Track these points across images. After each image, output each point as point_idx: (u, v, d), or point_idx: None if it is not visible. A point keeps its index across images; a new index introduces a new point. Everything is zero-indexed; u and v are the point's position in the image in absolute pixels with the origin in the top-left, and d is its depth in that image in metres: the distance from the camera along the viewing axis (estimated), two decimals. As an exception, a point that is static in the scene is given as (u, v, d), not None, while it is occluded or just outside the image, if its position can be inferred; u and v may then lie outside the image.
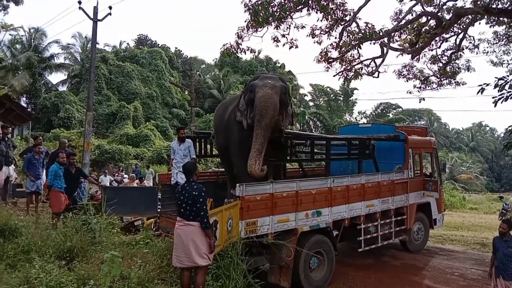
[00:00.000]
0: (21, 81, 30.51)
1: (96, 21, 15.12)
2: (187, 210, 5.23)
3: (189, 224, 5.19)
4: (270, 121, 6.49)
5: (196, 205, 5.15)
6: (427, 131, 11.54)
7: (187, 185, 5.36)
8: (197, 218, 5.16)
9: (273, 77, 7.11)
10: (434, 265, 9.04)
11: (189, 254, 5.12)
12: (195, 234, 5.16)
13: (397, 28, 10.85)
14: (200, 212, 5.13)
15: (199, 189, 5.25)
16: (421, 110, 57.87)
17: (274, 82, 6.80)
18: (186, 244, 5.14)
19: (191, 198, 5.18)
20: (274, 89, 6.65)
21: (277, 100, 6.59)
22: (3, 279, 4.49)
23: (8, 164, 10.15)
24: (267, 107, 6.47)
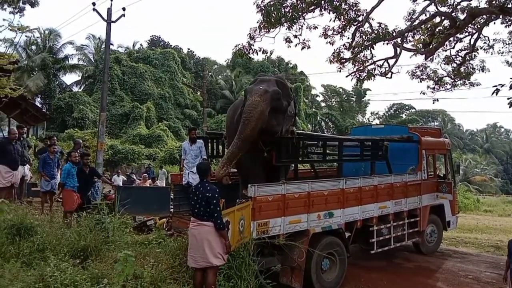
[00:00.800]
0: (36, 82, 30.98)
1: (110, 22, 15.27)
2: (200, 210, 5.24)
3: (203, 224, 5.21)
4: (252, 132, 6.28)
5: (209, 206, 5.16)
6: (441, 132, 11.42)
7: (201, 186, 5.37)
8: (210, 218, 5.17)
9: (269, 80, 6.91)
10: (447, 268, 8.94)
11: (204, 254, 5.14)
12: (209, 234, 5.18)
13: (411, 28, 10.76)
14: (214, 213, 5.15)
15: (212, 190, 5.26)
16: (435, 111, 57.33)
17: (266, 88, 6.56)
18: (201, 245, 5.16)
19: (204, 198, 5.19)
20: (264, 96, 6.41)
21: (265, 108, 6.36)
22: (19, 276, 4.55)
23: (24, 163, 10.30)
24: (250, 118, 6.27)
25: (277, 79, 6.94)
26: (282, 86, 6.90)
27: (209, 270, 5.21)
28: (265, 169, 7.17)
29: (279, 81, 6.92)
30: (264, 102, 6.37)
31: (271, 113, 6.52)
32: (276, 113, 6.64)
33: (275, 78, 7.05)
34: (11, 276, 4.48)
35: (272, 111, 6.52)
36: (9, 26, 9.98)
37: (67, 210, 8.69)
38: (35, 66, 32.48)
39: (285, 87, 6.97)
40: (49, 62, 32.71)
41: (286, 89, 6.96)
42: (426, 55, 11.42)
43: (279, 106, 6.62)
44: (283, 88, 6.87)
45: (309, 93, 50.11)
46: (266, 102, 6.39)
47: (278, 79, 6.99)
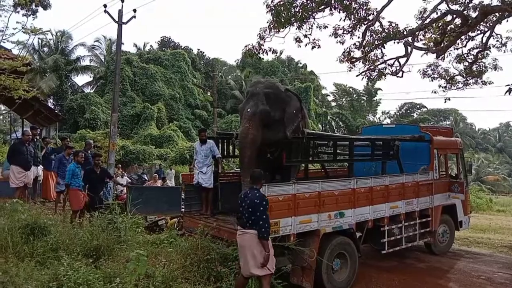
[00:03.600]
0: (48, 84, 31.32)
1: (121, 24, 15.39)
2: (245, 217, 5.20)
3: (245, 232, 5.17)
4: (249, 159, 6.70)
5: (255, 213, 5.09)
6: (452, 131, 11.33)
7: (250, 193, 5.30)
8: (254, 226, 5.11)
9: (258, 94, 6.95)
10: (459, 268, 8.86)
11: (247, 264, 5.12)
12: (252, 243, 5.13)
13: (422, 27, 10.70)
14: (259, 221, 5.08)
15: (261, 197, 5.21)
16: (447, 110, 56.72)
17: (253, 109, 6.77)
18: (245, 253, 5.15)
19: (251, 205, 5.13)
20: (252, 121, 6.70)
21: (255, 133, 6.67)
22: (33, 275, 4.61)
23: (37, 164, 10.45)
24: (243, 148, 6.75)
25: (266, 91, 6.91)
26: (273, 95, 6.93)
27: (262, 279, 5.18)
28: (268, 170, 7.21)
29: (267, 92, 6.91)
30: (253, 128, 6.68)
31: (265, 129, 6.77)
32: (271, 127, 6.82)
33: (264, 89, 6.98)
34: (25, 275, 4.55)
35: (266, 127, 6.76)
36: (22, 28, 10.13)
37: (75, 209, 8.80)
38: (48, 67, 32.83)
39: (276, 95, 6.97)
40: (61, 63, 33.04)
41: (277, 96, 6.96)
42: (437, 54, 11.33)
43: (272, 121, 6.80)
44: (274, 97, 6.91)
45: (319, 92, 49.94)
46: (255, 127, 6.69)
47: (267, 90, 6.95)
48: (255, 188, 5.36)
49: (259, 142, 6.78)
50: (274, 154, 7.09)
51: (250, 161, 6.68)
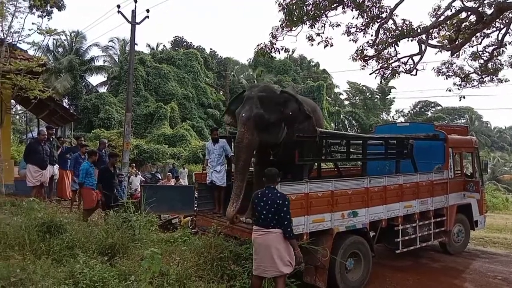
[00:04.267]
0: (63, 84, 31.73)
1: (134, 24, 15.52)
2: (267, 217, 5.13)
3: (269, 232, 5.12)
4: (244, 163, 6.72)
5: (280, 214, 5.07)
6: (467, 129, 11.19)
7: (269, 192, 5.25)
8: (278, 226, 5.09)
9: (252, 98, 6.91)
10: (475, 268, 8.76)
11: (273, 263, 5.07)
12: (278, 241, 5.10)
13: (436, 24, 10.57)
14: (285, 221, 5.07)
15: (283, 197, 5.19)
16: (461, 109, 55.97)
17: (248, 114, 6.74)
18: (269, 253, 5.08)
19: (274, 205, 5.10)
20: (247, 125, 6.69)
21: (250, 137, 6.67)
22: (50, 273, 4.68)
23: (53, 163, 10.62)
24: (239, 152, 6.74)
25: (259, 95, 6.88)
26: (267, 98, 6.89)
27: (278, 278, 5.16)
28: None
29: (261, 95, 6.88)
30: (248, 132, 6.67)
31: (262, 133, 6.76)
32: (267, 130, 6.81)
33: (258, 93, 6.95)
34: (42, 272, 4.62)
35: (262, 131, 6.75)
36: (38, 29, 10.29)
37: (87, 208, 8.92)
38: (62, 68, 33.26)
39: (270, 98, 6.93)
40: (75, 64, 33.45)
41: (272, 99, 6.93)
42: (452, 52, 11.17)
43: (267, 124, 6.78)
44: (268, 101, 6.88)
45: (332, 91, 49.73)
46: (250, 131, 6.68)
47: (261, 93, 6.92)
48: (273, 187, 5.35)
49: (255, 146, 6.82)
50: (277, 156, 7.09)
51: (245, 165, 6.73)
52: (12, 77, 9.58)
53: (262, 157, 7.48)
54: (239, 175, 6.68)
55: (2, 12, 9.96)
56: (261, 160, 7.50)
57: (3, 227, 6.10)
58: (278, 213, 5.09)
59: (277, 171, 5.56)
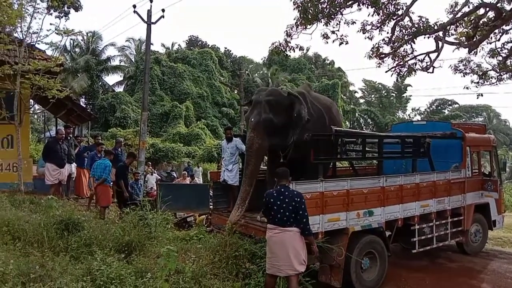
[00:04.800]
0: (80, 83, 32.18)
1: (150, 24, 15.64)
2: (284, 216, 5.13)
3: (286, 231, 5.13)
4: (254, 167, 6.74)
5: (298, 212, 5.10)
6: (485, 128, 11.00)
7: (285, 191, 5.25)
8: (295, 224, 5.11)
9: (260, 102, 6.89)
10: (493, 269, 8.62)
11: (289, 261, 5.08)
12: (295, 240, 5.13)
13: (453, 21, 10.41)
14: (303, 219, 5.11)
15: (300, 195, 5.22)
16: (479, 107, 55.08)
17: (257, 119, 6.74)
18: (286, 252, 5.09)
19: (292, 203, 5.11)
20: (256, 130, 6.69)
21: (260, 142, 6.68)
22: (68, 270, 4.76)
23: (71, 162, 10.78)
24: (249, 157, 6.75)
25: (267, 99, 6.86)
26: (275, 102, 6.87)
27: (292, 277, 5.16)
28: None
29: (269, 99, 6.86)
30: (258, 137, 6.69)
31: (272, 137, 6.77)
32: (276, 134, 6.82)
33: (265, 97, 6.93)
34: (61, 269, 4.70)
35: (271, 135, 6.76)
36: (55, 30, 10.45)
37: (105, 205, 9.06)
38: (79, 68, 33.72)
39: (278, 101, 6.91)
40: (92, 63, 33.88)
41: (280, 103, 6.89)
42: (469, 49, 10.99)
43: (276, 128, 6.78)
44: (276, 104, 6.86)
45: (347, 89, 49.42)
46: (260, 135, 6.69)
47: (268, 98, 6.90)
48: (287, 185, 5.36)
49: (265, 150, 6.87)
50: (287, 157, 7.08)
51: (254, 169, 6.76)
52: (31, 77, 9.75)
53: (273, 161, 7.49)
54: (248, 179, 6.70)
55: (21, 13, 10.13)
56: (273, 160, 7.52)
57: (22, 225, 6.22)
58: (296, 211, 5.10)
59: (287, 169, 5.59)
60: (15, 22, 9.90)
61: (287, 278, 5.23)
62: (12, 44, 9.87)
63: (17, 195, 9.08)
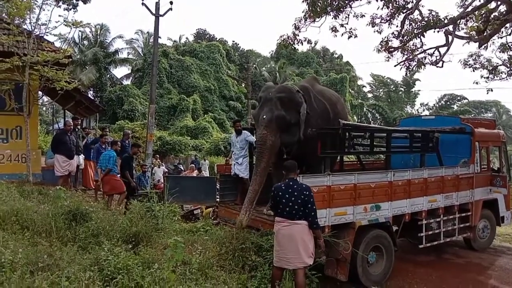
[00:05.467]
0: (88, 76, 32.34)
1: (158, 16, 15.64)
2: (293, 209, 5.13)
3: (295, 224, 5.13)
4: (266, 165, 6.64)
5: (307, 205, 5.10)
6: (495, 123, 10.89)
7: (294, 184, 5.25)
8: (304, 217, 5.12)
9: (271, 99, 6.80)
10: (501, 265, 8.57)
11: (298, 254, 5.10)
12: (304, 233, 5.14)
13: (463, 15, 10.29)
14: (312, 212, 5.11)
15: (308, 188, 5.23)
16: (488, 102, 54.60)
17: (269, 116, 6.64)
18: (295, 245, 5.10)
19: (301, 197, 5.12)
20: (269, 128, 6.61)
21: (273, 139, 6.59)
22: (76, 259, 4.79)
23: (79, 153, 10.85)
24: (261, 154, 6.62)
25: (279, 95, 6.78)
26: (287, 99, 6.79)
27: (300, 270, 5.17)
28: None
29: (281, 96, 6.78)
30: (271, 134, 6.60)
31: (283, 134, 6.72)
32: (288, 131, 6.77)
33: (276, 94, 6.85)
34: (68, 258, 4.73)
35: (283, 132, 6.71)
36: (64, 21, 10.47)
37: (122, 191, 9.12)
38: (87, 60, 33.86)
39: (289, 98, 6.83)
40: (100, 56, 34.00)
41: (291, 100, 6.82)
42: (480, 43, 10.85)
43: (288, 125, 6.73)
44: (288, 101, 6.79)
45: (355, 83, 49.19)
46: (272, 133, 6.61)
47: (279, 94, 6.82)
48: (296, 179, 5.36)
49: (277, 147, 6.77)
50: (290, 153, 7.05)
51: (266, 167, 6.68)
52: (40, 69, 9.79)
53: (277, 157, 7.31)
54: (259, 178, 6.59)
55: (30, 5, 10.16)
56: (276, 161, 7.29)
57: (31, 215, 6.27)
58: (305, 205, 5.10)
59: (295, 162, 5.57)
60: (24, 14, 9.93)
61: (294, 271, 5.23)
62: (21, 35, 9.91)
63: (26, 185, 9.16)
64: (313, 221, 5.13)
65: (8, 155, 11.36)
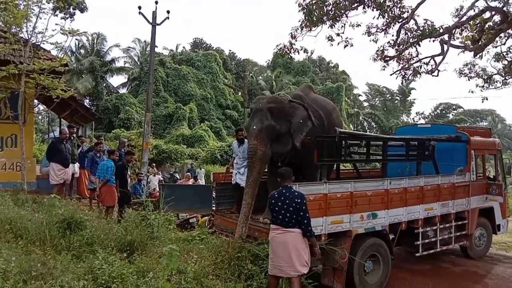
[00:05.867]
0: (84, 84, 32.32)
1: (154, 25, 15.68)
2: (286, 217, 5.11)
3: (288, 231, 5.11)
4: (257, 175, 6.64)
5: (299, 213, 5.07)
6: (490, 131, 10.93)
7: (286, 191, 5.22)
8: (297, 225, 5.09)
9: (262, 110, 6.83)
10: (497, 273, 8.55)
11: (291, 262, 5.06)
12: (297, 241, 5.11)
13: (459, 24, 10.40)
14: (304, 220, 5.06)
15: (301, 196, 5.18)
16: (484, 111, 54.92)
17: (259, 126, 6.67)
18: (288, 253, 5.07)
19: (293, 204, 5.09)
20: (259, 138, 6.62)
21: (264, 149, 6.60)
22: (70, 268, 4.75)
23: (74, 162, 10.79)
24: (252, 164, 6.63)
25: (269, 106, 6.81)
26: (276, 109, 6.82)
27: (294, 278, 5.13)
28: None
29: (270, 107, 6.81)
30: (261, 144, 6.61)
31: (274, 144, 6.73)
32: (279, 141, 6.77)
33: (267, 104, 6.88)
34: (62, 267, 4.68)
35: (274, 141, 6.72)
36: (61, 30, 10.47)
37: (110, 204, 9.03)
38: (84, 69, 33.87)
39: (279, 109, 6.85)
40: (96, 65, 34.02)
41: (281, 110, 6.85)
42: (475, 52, 10.95)
43: (278, 134, 6.74)
44: (278, 111, 6.81)
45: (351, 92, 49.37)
46: (263, 143, 6.62)
47: (270, 105, 6.85)
48: (289, 186, 5.32)
49: (268, 157, 6.77)
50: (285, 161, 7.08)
51: (258, 178, 6.68)
52: (36, 77, 9.77)
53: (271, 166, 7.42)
54: (250, 190, 6.58)
55: (27, 13, 10.17)
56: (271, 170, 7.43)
57: (24, 223, 6.21)
58: (297, 213, 5.07)
59: (290, 170, 5.55)
60: (21, 22, 9.94)
61: (289, 279, 5.19)
62: (17, 43, 9.91)
63: (20, 194, 9.09)
64: (306, 229, 5.09)
65: (3, 163, 11.30)
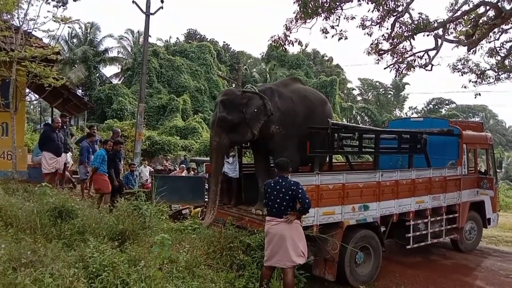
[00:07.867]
0: (77, 74, 32.00)
1: (148, 14, 15.54)
2: (281, 207, 5.16)
3: (283, 221, 5.15)
4: (216, 165, 6.96)
5: (297, 196, 5.11)
6: (483, 126, 10.99)
7: (282, 181, 5.25)
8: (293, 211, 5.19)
9: (217, 103, 7.09)
10: (486, 266, 8.66)
11: (288, 253, 5.10)
12: (292, 230, 5.15)
13: (453, 19, 10.38)
14: (305, 205, 5.10)
15: (296, 183, 5.21)
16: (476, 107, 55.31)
17: (213, 118, 7.10)
18: (283, 243, 5.10)
19: (288, 193, 5.12)
20: (213, 129, 6.97)
21: (218, 139, 6.84)
22: (60, 256, 4.70)
23: (66, 151, 10.71)
24: (211, 155, 7.10)
25: (221, 99, 7.05)
26: (227, 101, 6.96)
27: (288, 269, 5.16)
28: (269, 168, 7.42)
29: (222, 99, 7.01)
30: (216, 135, 6.88)
31: (231, 134, 6.88)
32: (235, 131, 6.89)
33: (220, 97, 7.16)
34: (53, 255, 4.63)
35: (230, 132, 6.87)
36: (53, 17, 10.33)
37: (106, 192, 9.05)
38: (77, 58, 33.53)
39: (230, 100, 6.98)
40: (89, 54, 33.68)
41: (232, 101, 6.96)
42: (469, 47, 10.95)
43: (232, 125, 6.85)
44: (229, 103, 6.94)
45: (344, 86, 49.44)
46: (217, 134, 6.88)
47: (222, 97, 7.09)
48: (286, 176, 5.34)
49: (225, 147, 6.95)
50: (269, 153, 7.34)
51: (217, 167, 6.98)
52: (27, 64, 9.65)
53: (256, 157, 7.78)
54: (214, 178, 6.91)
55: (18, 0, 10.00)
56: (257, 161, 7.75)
57: (15, 211, 6.14)
58: (295, 197, 5.11)
59: (287, 161, 5.54)
60: (12, 9, 9.78)
61: (283, 270, 5.21)
62: (8, 30, 9.76)
63: (11, 183, 9.00)
64: (304, 208, 5.14)
65: (-6, 152, 11.18)
